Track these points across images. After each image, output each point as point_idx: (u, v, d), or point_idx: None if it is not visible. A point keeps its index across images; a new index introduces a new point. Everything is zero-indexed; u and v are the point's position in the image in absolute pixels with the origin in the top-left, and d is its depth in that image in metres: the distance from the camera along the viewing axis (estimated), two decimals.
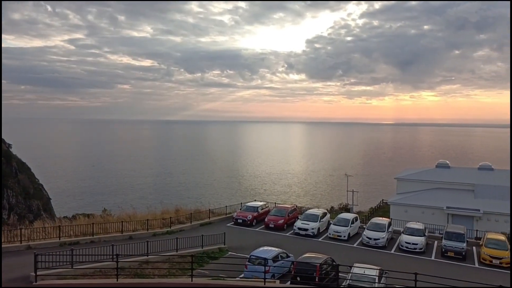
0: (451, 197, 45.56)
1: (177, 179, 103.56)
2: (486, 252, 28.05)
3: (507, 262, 27.36)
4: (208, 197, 74.60)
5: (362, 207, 60.60)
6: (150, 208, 39.57)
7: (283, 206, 38.04)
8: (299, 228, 33.02)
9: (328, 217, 36.31)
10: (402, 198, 47.68)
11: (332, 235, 32.44)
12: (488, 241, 29.18)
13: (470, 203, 43.92)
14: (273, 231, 34.00)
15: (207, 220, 35.63)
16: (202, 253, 26.33)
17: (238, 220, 35.50)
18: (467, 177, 50.14)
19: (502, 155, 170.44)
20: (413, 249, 29.78)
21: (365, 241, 31.08)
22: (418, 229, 31.59)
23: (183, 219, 34.09)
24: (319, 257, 22.52)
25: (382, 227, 31.95)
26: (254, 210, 36.51)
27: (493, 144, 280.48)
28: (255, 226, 35.35)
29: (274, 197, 75.12)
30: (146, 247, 23.66)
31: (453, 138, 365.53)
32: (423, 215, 43.37)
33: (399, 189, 51.38)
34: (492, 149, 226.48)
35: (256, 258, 22.87)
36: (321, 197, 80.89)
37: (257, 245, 26.29)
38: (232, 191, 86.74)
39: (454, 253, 28.81)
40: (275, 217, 35.07)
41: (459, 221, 41.38)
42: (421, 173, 52.75)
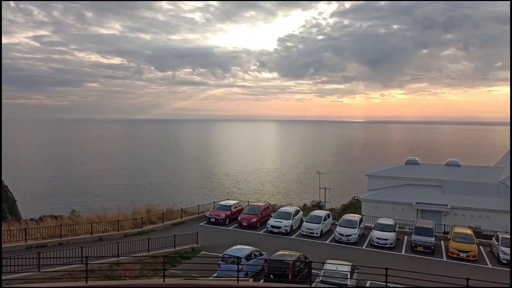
0: (420, 193, 46.74)
1: (149, 179, 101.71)
2: (454, 246, 28.88)
3: (473, 255, 28.28)
4: (181, 196, 73.63)
5: (334, 204, 61.37)
6: (121, 208, 38.76)
7: (256, 204, 38.02)
8: (272, 226, 33.07)
9: (301, 214, 36.53)
10: (373, 194, 48.56)
11: (305, 232, 32.67)
12: (455, 235, 30.06)
13: (438, 198, 45.19)
14: (247, 229, 33.92)
15: (180, 220, 35.16)
16: (175, 253, 25.99)
17: (211, 219, 35.22)
18: (435, 173, 51.56)
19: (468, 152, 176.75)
20: (384, 245, 30.35)
21: (337, 237, 31.45)
22: (388, 224, 32.22)
23: (155, 219, 33.53)
24: (292, 255, 22.67)
25: (353, 223, 32.42)
26: (227, 208, 36.33)
27: (460, 140, 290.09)
28: (228, 224, 35.17)
29: (247, 195, 75.02)
30: (116, 248, 23.12)
31: (421, 135, 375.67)
32: (393, 211, 44.30)
33: (370, 185, 52.32)
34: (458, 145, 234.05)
35: (229, 256, 22.83)
36: (294, 195, 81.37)
37: (231, 243, 26.19)
38: (205, 190, 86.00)
39: (423, 247, 29.53)
40: (248, 215, 35.00)
41: (428, 216, 42.51)
42: (391, 170, 53.87)
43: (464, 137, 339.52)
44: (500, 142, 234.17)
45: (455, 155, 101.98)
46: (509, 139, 44.18)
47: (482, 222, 41.61)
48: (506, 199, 43.52)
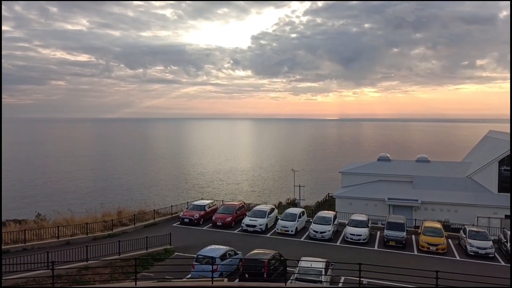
0: (392, 189, 47.58)
1: (119, 179, 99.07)
2: (424, 239, 29.52)
3: (442, 248, 28.98)
4: (153, 197, 72.26)
5: (309, 201, 61.70)
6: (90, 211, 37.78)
7: (230, 204, 37.76)
8: (247, 225, 32.94)
9: (275, 212, 36.54)
10: (347, 191, 49.11)
11: (279, 230, 32.69)
12: (425, 229, 30.75)
13: (409, 194, 46.11)
14: (221, 229, 33.63)
15: (152, 221, 34.50)
16: (147, 255, 25.43)
17: (184, 220, 34.73)
18: (406, 169, 52.62)
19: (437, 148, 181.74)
20: (358, 240, 30.71)
21: (312, 234, 31.61)
22: (361, 220, 32.64)
23: (126, 221, 32.75)
24: (267, 253, 22.65)
25: (328, 220, 32.65)
26: (201, 208, 35.93)
27: (429, 137, 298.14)
28: (203, 225, 34.78)
29: (222, 195, 74.55)
30: (85, 252, 22.40)
31: (393, 132, 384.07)
32: (366, 207, 44.92)
33: (344, 182, 52.88)
34: (428, 142, 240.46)
35: (204, 257, 22.62)
36: (269, 193, 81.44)
37: (205, 244, 25.92)
38: (179, 190, 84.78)
39: (395, 242, 30.05)
40: (223, 214, 34.73)
41: (399, 211, 43.31)
42: (364, 167, 54.62)
43: (433, 134, 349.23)
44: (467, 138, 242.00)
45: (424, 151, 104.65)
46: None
47: (450, 215, 42.74)
48: (472, 193, 44.86)
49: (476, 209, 42.31)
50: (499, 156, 45.08)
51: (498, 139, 53.33)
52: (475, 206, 42.54)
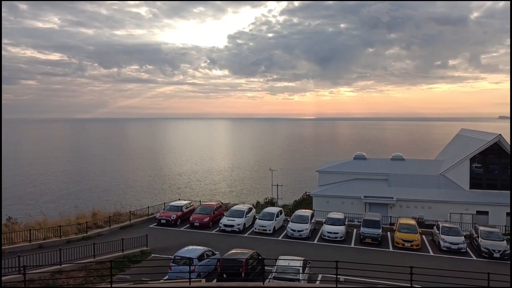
0: (368, 187, 48.29)
1: (94, 181, 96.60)
2: (399, 236, 30.11)
3: (417, 244, 29.63)
4: (129, 198, 71.02)
5: (286, 200, 62.03)
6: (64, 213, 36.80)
7: (208, 204, 37.57)
8: (225, 224, 32.84)
9: (253, 212, 36.58)
10: (324, 189, 49.55)
11: (257, 230, 32.73)
12: (400, 226, 31.38)
13: (385, 191, 46.90)
14: (199, 229, 33.43)
15: (128, 223, 33.95)
16: (123, 257, 25.01)
17: (161, 221, 34.34)
18: (382, 167, 53.50)
19: (411, 146, 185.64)
20: (335, 238, 31.06)
21: (289, 233, 31.77)
22: (338, 218, 33.01)
23: (101, 223, 32.11)
24: (245, 253, 22.66)
25: (305, 219, 32.90)
26: (178, 209, 35.59)
27: (404, 136, 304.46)
28: (180, 225, 34.48)
29: (199, 195, 74.02)
30: (59, 256, 21.84)
31: (368, 131, 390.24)
32: (343, 205, 45.43)
33: (321, 181, 53.34)
34: (402, 140, 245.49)
35: (181, 258, 22.50)
36: (247, 193, 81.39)
37: (182, 245, 25.72)
38: (155, 191, 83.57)
39: (371, 239, 30.56)
40: (200, 215, 34.51)
41: (375, 209, 44.01)
42: (340, 165, 55.23)
43: (408, 133, 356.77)
44: (440, 136, 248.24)
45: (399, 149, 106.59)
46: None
47: (424, 212, 43.72)
48: (445, 190, 46.01)
49: (449, 206, 43.40)
50: (471, 153, 46.41)
51: (469, 137, 54.90)
52: (448, 203, 43.64)
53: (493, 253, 27.86)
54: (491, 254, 27.91)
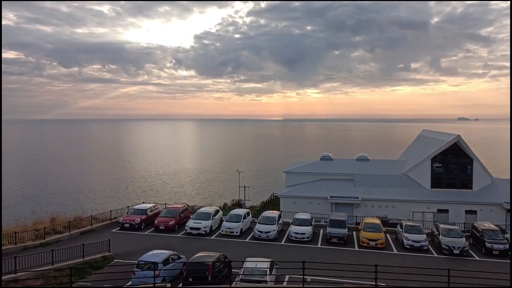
0: (334, 187, 48.88)
1: (52, 185, 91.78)
2: (364, 235, 30.57)
3: (381, 243, 30.17)
4: (90, 202, 68.48)
5: (254, 202, 61.94)
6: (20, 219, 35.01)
7: (173, 207, 36.83)
8: (191, 227, 32.30)
9: (220, 214, 36.20)
10: (291, 190, 49.77)
11: (224, 232, 32.41)
12: (365, 225, 31.88)
13: (350, 191, 47.63)
14: (164, 233, 32.70)
15: (89, 228, 32.70)
16: (84, 263, 24.06)
17: (125, 225, 33.32)
18: (347, 167, 54.32)
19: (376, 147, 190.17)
20: (302, 239, 31.17)
21: (256, 234, 31.64)
22: (305, 219, 33.16)
23: (60, 228, 30.75)
24: (212, 255, 22.46)
25: (272, 220, 32.85)
26: (143, 212, 34.68)
27: (368, 136, 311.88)
28: (144, 229, 33.59)
29: (165, 198, 72.55)
30: (14, 264, 20.68)
31: (334, 132, 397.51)
32: (310, 206, 45.76)
33: (288, 182, 53.55)
34: (367, 141, 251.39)
35: (145, 263, 22.05)
36: (214, 195, 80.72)
37: (147, 249, 25.11)
38: (119, 194, 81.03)
39: (337, 239, 30.86)
40: (166, 218, 33.78)
41: (341, 209, 44.58)
42: (307, 166, 55.67)
43: (372, 133, 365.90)
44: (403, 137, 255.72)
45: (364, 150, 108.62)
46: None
47: (388, 211, 44.70)
48: (408, 189, 47.27)
49: (411, 205, 44.62)
50: (432, 154, 47.95)
51: (430, 138, 56.72)
52: (410, 202, 44.85)
53: (453, 250, 28.74)
54: (451, 250, 28.78)
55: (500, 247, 28.93)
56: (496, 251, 28.82)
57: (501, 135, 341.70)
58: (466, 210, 43.74)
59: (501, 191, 45.65)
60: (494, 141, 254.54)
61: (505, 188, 46.67)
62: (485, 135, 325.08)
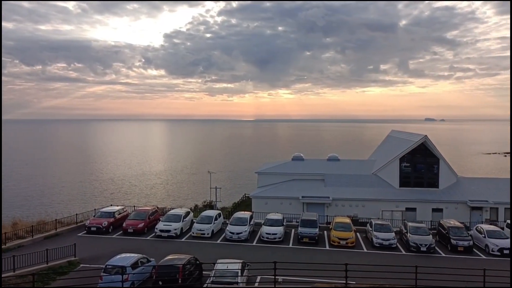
0: (306, 187, 49.20)
1: (14, 188, 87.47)
2: (335, 234, 30.87)
3: (351, 241, 30.53)
4: (55, 206, 66.07)
5: (225, 203, 61.58)
6: None
7: (143, 209, 36.04)
8: (161, 230, 31.72)
9: (191, 216, 35.78)
10: (262, 191, 49.74)
11: (195, 234, 32.03)
12: (336, 224, 32.20)
13: (322, 191, 48.06)
14: (133, 236, 31.95)
15: (54, 232, 31.47)
16: (47, 269, 23.16)
17: (91, 228, 32.31)
18: (318, 168, 54.82)
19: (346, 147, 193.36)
20: (273, 239, 31.16)
21: (228, 236, 31.39)
22: (277, 219, 33.18)
23: (23, 233, 29.46)
24: (182, 258, 22.15)
25: (244, 221, 32.70)
26: (110, 215, 33.73)
27: (339, 137, 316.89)
28: (112, 233, 32.69)
29: (134, 200, 71.14)
30: None
31: (306, 132, 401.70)
32: (282, 206, 45.84)
33: (260, 182, 53.52)
34: (338, 141, 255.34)
35: (113, 267, 21.46)
36: (185, 197, 79.71)
37: (115, 253, 24.35)
38: (85, 197, 78.39)
39: (309, 238, 31.02)
40: (134, 221, 33.00)
41: (312, 208, 44.87)
42: (279, 166, 55.80)
43: (343, 134, 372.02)
44: (372, 137, 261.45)
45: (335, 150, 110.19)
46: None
47: (358, 210, 45.41)
48: (377, 188, 48.16)
49: (381, 204, 45.45)
50: (400, 154, 49.05)
51: (399, 138, 58.01)
52: (380, 201, 45.69)
53: (420, 247, 29.42)
54: (418, 248, 29.46)
55: (464, 243, 29.84)
56: (461, 248, 29.71)
57: (465, 135, 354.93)
58: (433, 208, 44.97)
59: (466, 190, 47.26)
60: (459, 141, 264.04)
61: (469, 186, 48.36)
62: (450, 135, 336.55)
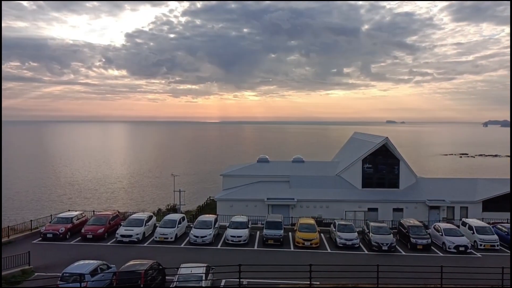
0: (271, 189, 49.30)
1: None
2: (299, 236, 31.03)
3: (316, 242, 30.77)
4: (8, 212, 62.25)
5: (190, 206, 60.74)
6: None
7: (103, 214, 34.81)
8: (122, 235, 30.75)
9: (154, 220, 35.00)
10: (228, 193, 49.41)
11: (158, 238, 31.30)
12: (300, 226, 32.39)
13: (287, 193, 48.30)
14: (93, 242, 30.80)
15: (6, 239, 29.75)
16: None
17: (47, 235, 30.86)
18: (284, 169, 55.12)
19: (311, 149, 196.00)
20: (238, 242, 30.94)
21: (192, 239, 30.90)
22: (242, 222, 33.01)
23: None
24: (144, 263, 21.61)
25: (208, 224, 32.32)
26: (68, 221, 32.37)
27: (304, 139, 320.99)
28: (70, 239, 31.38)
29: (94, 205, 68.72)
30: None
31: (271, 134, 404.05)
32: (247, 208, 45.69)
33: (225, 185, 53.14)
34: (303, 143, 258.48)
35: (70, 275, 20.67)
36: (148, 200, 77.90)
37: (73, 260, 23.38)
38: (41, 202, 74.48)
39: (274, 240, 31.03)
40: (94, 226, 31.81)
41: (278, 210, 45.01)
42: (244, 169, 55.66)
43: (307, 136, 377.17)
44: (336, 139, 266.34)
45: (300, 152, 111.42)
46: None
47: (323, 211, 45.95)
48: (341, 189, 48.95)
49: (344, 204, 46.23)
50: (362, 155, 50.12)
51: (361, 140, 59.29)
52: (343, 202, 46.46)
53: (382, 246, 30.07)
54: (380, 247, 30.09)
55: (423, 242, 30.78)
56: (420, 246, 30.62)
57: (424, 137, 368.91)
58: (394, 208, 46.20)
59: (424, 190, 48.91)
60: (418, 143, 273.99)
61: (428, 186, 50.06)
62: (410, 137, 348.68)
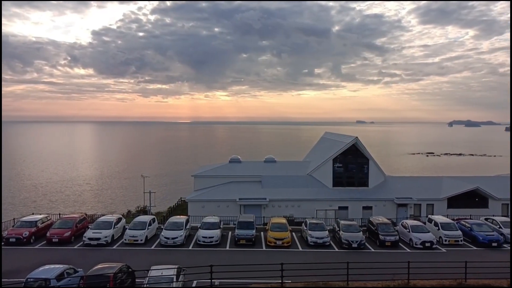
0: (243, 189, 49.25)
1: None
2: (271, 235, 31.16)
3: (287, 241, 30.99)
4: None
5: (160, 208, 59.90)
6: None
7: (69, 217, 33.83)
8: (89, 238, 29.99)
9: (123, 222, 34.35)
10: (199, 194, 48.99)
11: (128, 241, 30.73)
12: (272, 225, 32.53)
13: (259, 193, 48.37)
14: (59, 246, 29.88)
15: None
16: None
17: (10, 240, 29.71)
18: (255, 169, 55.20)
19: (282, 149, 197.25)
20: (210, 242, 30.77)
21: (163, 241, 30.49)
22: (213, 222, 32.83)
23: None
24: (113, 266, 21.13)
25: (179, 225, 31.98)
26: (32, 225, 31.28)
27: (275, 139, 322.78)
28: (34, 243, 30.35)
29: (60, 208, 66.65)
30: None
31: (243, 134, 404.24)
32: (219, 209, 45.47)
33: (196, 185, 52.69)
34: (274, 143, 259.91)
35: (35, 280, 19.95)
36: (117, 202, 76.14)
37: (38, 264, 22.56)
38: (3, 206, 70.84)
39: (246, 240, 31.02)
40: (60, 229, 30.88)
41: (250, 210, 45.01)
42: (215, 169, 55.37)
43: (279, 136, 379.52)
44: (307, 139, 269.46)
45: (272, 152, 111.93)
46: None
47: (294, 211, 46.31)
48: (312, 189, 49.46)
49: (315, 203, 46.72)
50: (333, 155, 50.83)
51: (332, 139, 60.13)
52: (314, 201, 46.95)
53: (352, 244, 30.59)
54: (350, 244, 30.60)
55: (391, 238, 31.52)
56: (388, 243, 31.34)
57: (393, 137, 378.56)
58: (363, 206, 47.12)
59: (393, 188, 50.12)
60: (387, 142, 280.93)
61: (396, 185, 51.32)
62: (379, 137, 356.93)
